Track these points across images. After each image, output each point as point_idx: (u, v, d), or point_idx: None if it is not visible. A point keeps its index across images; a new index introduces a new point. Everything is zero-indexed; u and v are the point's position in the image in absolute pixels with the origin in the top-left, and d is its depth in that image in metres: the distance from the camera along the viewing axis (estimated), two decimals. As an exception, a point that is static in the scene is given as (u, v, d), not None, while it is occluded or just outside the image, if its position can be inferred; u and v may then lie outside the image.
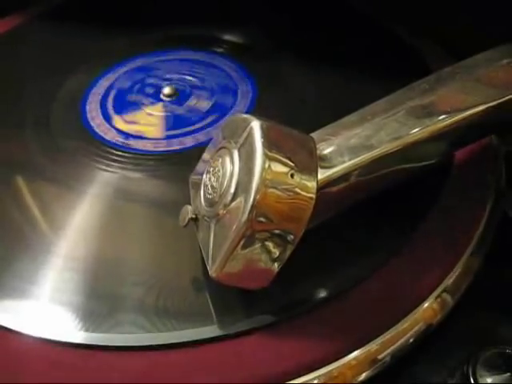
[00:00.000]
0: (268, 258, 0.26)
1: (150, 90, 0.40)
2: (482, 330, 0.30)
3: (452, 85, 0.30)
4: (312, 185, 0.26)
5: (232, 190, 0.26)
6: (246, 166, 0.26)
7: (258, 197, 0.25)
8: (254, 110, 0.38)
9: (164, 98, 0.39)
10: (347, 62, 0.40)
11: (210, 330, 0.28)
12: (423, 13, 0.43)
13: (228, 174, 0.26)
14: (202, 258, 0.28)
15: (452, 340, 0.30)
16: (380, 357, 0.28)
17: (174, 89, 0.40)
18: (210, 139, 0.31)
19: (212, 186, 0.27)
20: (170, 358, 0.27)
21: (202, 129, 0.37)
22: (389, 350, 0.28)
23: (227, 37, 0.44)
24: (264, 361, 0.27)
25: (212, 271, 0.27)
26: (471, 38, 0.37)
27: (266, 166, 0.25)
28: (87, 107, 0.40)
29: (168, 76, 0.41)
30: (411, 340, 0.29)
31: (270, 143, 0.25)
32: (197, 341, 0.27)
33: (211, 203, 0.27)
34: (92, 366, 0.27)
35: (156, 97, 0.40)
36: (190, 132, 0.37)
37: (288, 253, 0.26)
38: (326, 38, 0.43)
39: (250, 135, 0.26)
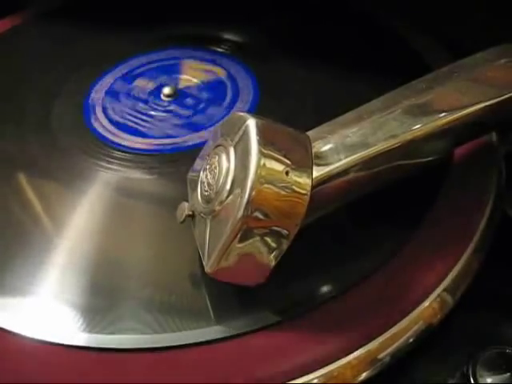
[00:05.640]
0: (263, 253, 0.26)
1: (150, 91, 0.41)
2: (482, 329, 0.30)
3: (449, 84, 0.30)
4: (306, 182, 0.26)
5: (228, 186, 0.26)
6: (242, 164, 0.26)
7: (253, 193, 0.25)
8: (255, 108, 0.39)
9: (165, 99, 0.40)
10: (347, 62, 0.40)
11: (210, 331, 0.28)
12: (423, 12, 0.43)
13: (224, 171, 0.27)
14: (203, 258, 0.29)
15: (452, 340, 0.30)
16: (380, 357, 0.28)
17: (174, 88, 0.40)
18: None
19: (208, 183, 0.27)
20: (171, 358, 0.27)
21: (215, 122, 0.38)
22: (389, 350, 0.28)
23: (228, 36, 0.45)
24: (264, 361, 0.27)
25: (207, 267, 0.27)
26: (470, 37, 0.37)
27: (261, 163, 0.25)
28: (88, 107, 0.40)
29: (167, 76, 0.42)
30: (411, 340, 0.28)
31: (265, 141, 0.26)
32: (197, 342, 0.27)
33: (208, 200, 0.27)
34: (92, 366, 0.27)
35: (157, 98, 0.40)
36: (204, 126, 0.38)
37: (283, 249, 0.26)
38: (326, 38, 0.43)
39: (246, 133, 0.26)
